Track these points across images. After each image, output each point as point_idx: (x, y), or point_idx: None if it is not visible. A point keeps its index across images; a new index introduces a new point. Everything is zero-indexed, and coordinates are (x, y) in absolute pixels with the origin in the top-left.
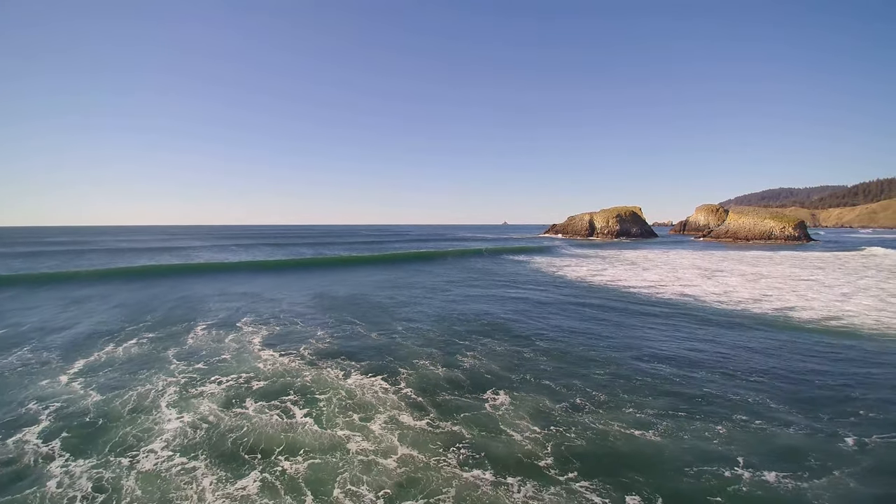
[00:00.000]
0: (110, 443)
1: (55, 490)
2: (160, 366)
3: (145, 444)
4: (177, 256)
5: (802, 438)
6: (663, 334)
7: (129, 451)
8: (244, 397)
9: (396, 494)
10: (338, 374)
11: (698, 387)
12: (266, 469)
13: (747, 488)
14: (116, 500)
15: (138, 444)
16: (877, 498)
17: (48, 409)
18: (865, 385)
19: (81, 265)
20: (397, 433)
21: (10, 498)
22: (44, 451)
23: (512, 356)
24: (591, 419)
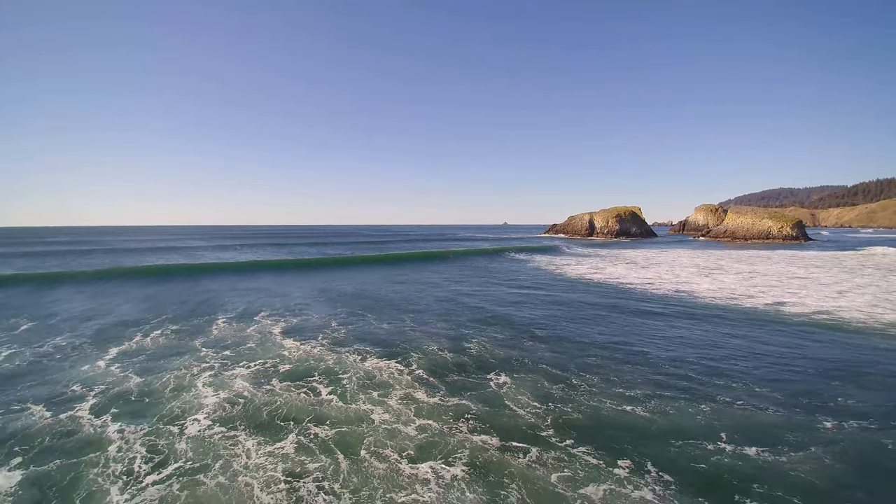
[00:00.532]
0: (157, 415)
1: (116, 453)
2: (190, 353)
3: (189, 415)
4: (184, 256)
5: (782, 420)
6: (656, 326)
7: (175, 422)
8: (272, 378)
9: (417, 455)
10: (355, 359)
11: (685, 372)
12: (300, 434)
13: (729, 459)
14: (173, 458)
15: (183, 416)
16: (850, 473)
17: (93, 390)
18: (846, 375)
19: (92, 264)
20: (413, 407)
21: (77, 459)
22: (98, 423)
23: (513, 344)
24: (585, 398)
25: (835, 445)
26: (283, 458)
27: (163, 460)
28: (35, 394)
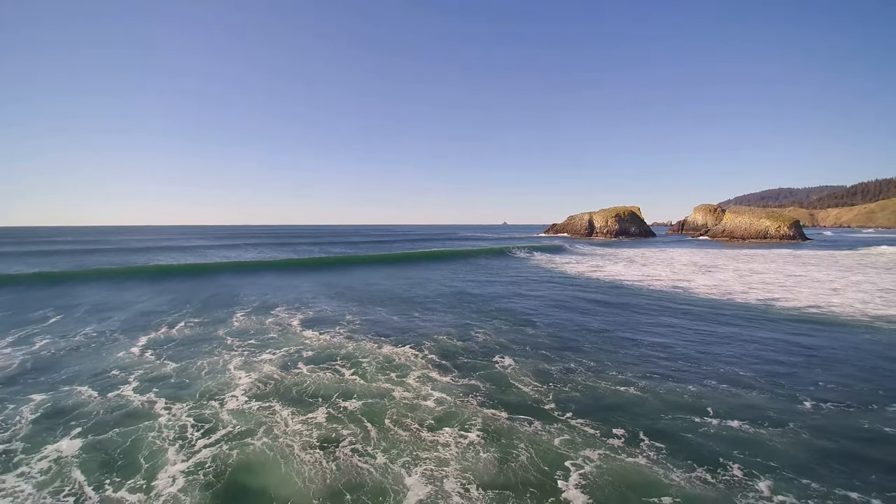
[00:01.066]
0: (197, 393)
1: (166, 422)
2: (216, 342)
3: (227, 393)
4: (192, 255)
5: (764, 400)
6: (649, 317)
7: (215, 398)
8: (297, 362)
9: (436, 424)
10: (372, 346)
11: (675, 358)
12: (329, 407)
13: (714, 430)
14: (220, 426)
15: (221, 393)
16: (825, 446)
17: (133, 374)
18: (829, 363)
19: (101, 262)
20: (429, 385)
21: (132, 427)
22: (144, 399)
23: (515, 332)
24: (582, 378)
25: (812, 423)
26: (317, 426)
27: (210, 428)
28: (78, 377)
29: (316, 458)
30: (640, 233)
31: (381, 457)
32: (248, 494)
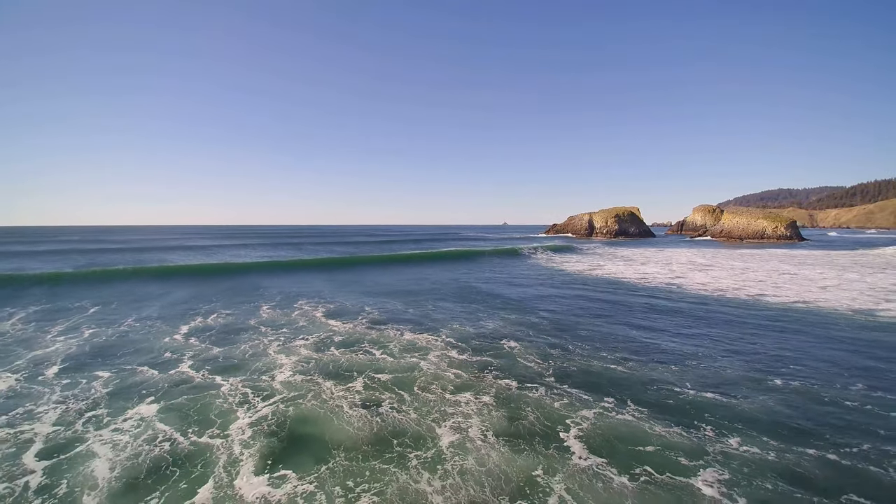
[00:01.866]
0: (248, 370)
1: (229, 391)
2: (251, 330)
3: (274, 370)
4: (201, 254)
5: (737, 376)
6: (641, 309)
7: (264, 374)
8: (330, 346)
9: (456, 391)
10: (394, 333)
11: (662, 342)
12: (365, 379)
13: (691, 398)
14: (275, 393)
15: (269, 371)
16: (788, 413)
17: (184, 355)
18: (801, 349)
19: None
20: (447, 361)
21: (200, 395)
22: (202, 375)
23: (520, 322)
24: (578, 358)
25: (777, 396)
26: (358, 392)
27: (267, 394)
28: (135, 358)
29: (361, 414)
30: (639, 233)
31: (415, 413)
32: (307, 440)
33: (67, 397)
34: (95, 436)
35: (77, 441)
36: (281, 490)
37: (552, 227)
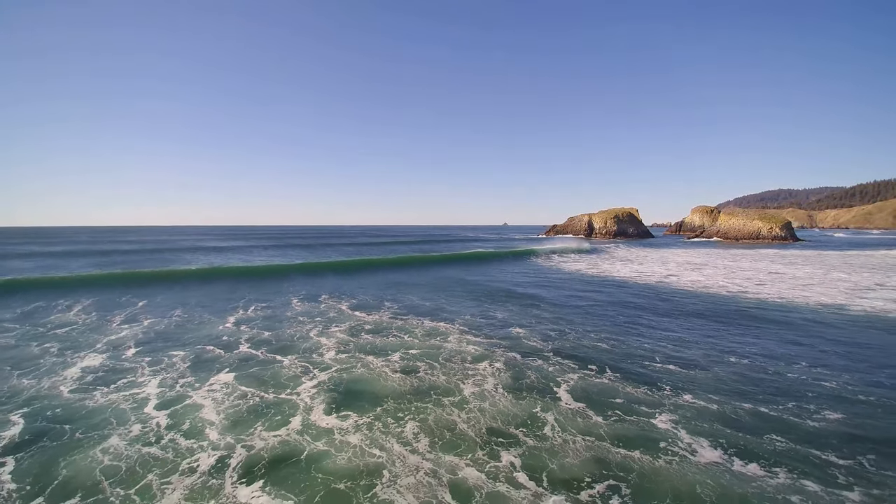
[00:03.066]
0: (299, 350)
1: (289, 364)
2: (290, 320)
3: (320, 350)
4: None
5: (699, 355)
6: (628, 301)
7: (314, 353)
8: (360, 332)
9: (474, 361)
10: (416, 322)
11: (641, 327)
12: (399, 354)
13: (657, 369)
14: (328, 366)
15: (317, 350)
16: (735, 381)
17: (240, 339)
18: (761, 335)
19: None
20: (464, 342)
21: (267, 366)
22: (261, 352)
23: (523, 312)
24: (572, 338)
25: (730, 369)
26: (395, 363)
27: (322, 366)
28: (199, 341)
29: (401, 377)
30: (637, 234)
31: (443, 375)
32: (361, 394)
33: (157, 370)
34: (195, 394)
35: (182, 398)
36: (347, 422)
37: (552, 228)
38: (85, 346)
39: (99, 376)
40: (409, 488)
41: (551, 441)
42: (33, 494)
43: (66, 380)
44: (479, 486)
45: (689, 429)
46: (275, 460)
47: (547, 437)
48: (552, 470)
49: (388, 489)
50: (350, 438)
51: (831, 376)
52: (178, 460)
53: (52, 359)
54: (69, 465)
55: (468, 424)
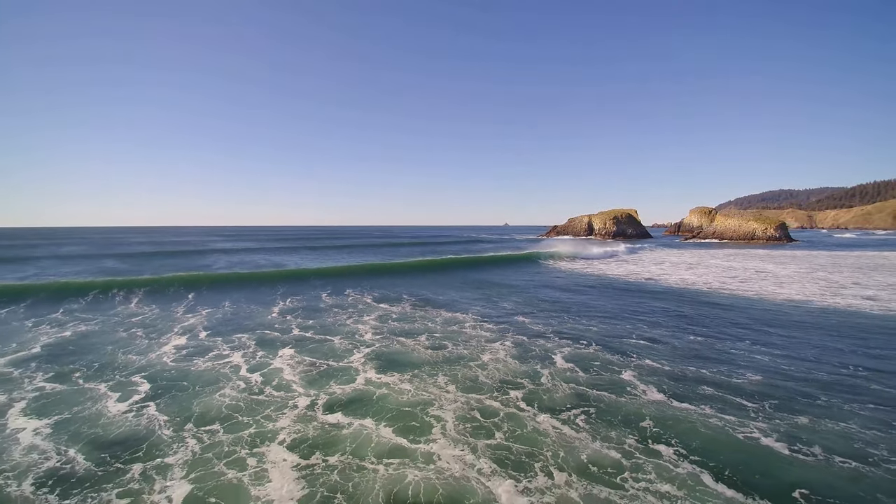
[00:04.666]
0: (341, 332)
1: (338, 342)
2: (325, 311)
3: (360, 333)
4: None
5: (667, 333)
6: (621, 295)
7: (355, 335)
8: (389, 320)
9: (488, 341)
10: (434, 312)
11: (628, 311)
12: (425, 336)
13: (630, 343)
14: (371, 343)
15: (355, 333)
16: (687, 349)
17: (289, 325)
18: (722, 321)
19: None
20: (479, 327)
21: (320, 344)
22: (310, 334)
23: (526, 303)
24: (569, 323)
25: (685, 341)
26: (424, 342)
27: (364, 344)
28: (255, 327)
29: (431, 352)
30: (636, 234)
31: (465, 350)
32: (400, 362)
33: (234, 347)
34: (273, 362)
35: (264, 365)
36: (397, 378)
37: (553, 229)
38: (165, 331)
39: (190, 351)
40: (453, 411)
41: (546, 386)
42: (183, 422)
43: (165, 354)
44: (496, 410)
45: (644, 380)
46: (350, 400)
47: (543, 384)
48: (545, 401)
49: (438, 410)
50: (403, 387)
51: (766, 352)
52: (280, 402)
53: (143, 340)
54: (200, 405)
55: (487, 378)
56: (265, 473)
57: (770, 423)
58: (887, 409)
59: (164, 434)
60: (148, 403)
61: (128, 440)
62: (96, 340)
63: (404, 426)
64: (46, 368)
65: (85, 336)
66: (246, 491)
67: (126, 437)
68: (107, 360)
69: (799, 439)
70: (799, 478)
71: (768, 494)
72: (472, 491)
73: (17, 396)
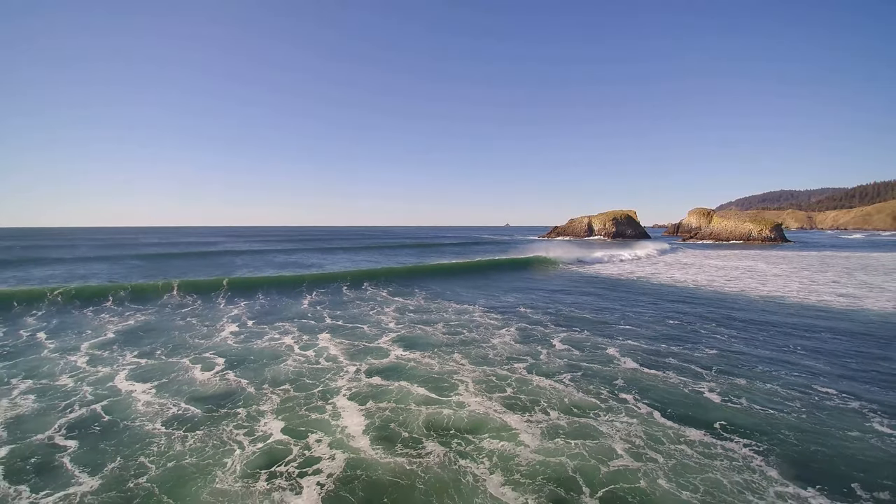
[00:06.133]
0: (367, 321)
1: (367, 328)
2: (347, 303)
3: (384, 321)
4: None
5: (650, 319)
6: (613, 290)
7: (380, 323)
8: (406, 311)
9: (495, 329)
10: (445, 304)
11: (617, 303)
12: (441, 324)
13: (616, 330)
14: (395, 330)
15: (380, 321)
16: (662, 332)
17: (322, 315)
18: (695, 315)
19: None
20: (486, 317)
21: (353, 329)
22: (341, 322)
23: (527, 298)
24: (566, 312)
25: (664, 329)
26: (440, 328)
27: (390, 330)
28: (290, 316)
29: (448, 336)
30: (635, 235)
31: (477, 335)
32: (421, 343)
33: (282, 331)
34: (317, 343)
35: (313, 345)
36: (417, 355)
37: (554, 230)
38: (216, 320)
39: (246, 335)
40: (471, 377)
41: (545, 360)
42: (261, 383)
43: (226, 337)
44: (506, 376)
45: (623, 355)
46: (387, 370)
47: (542, 359)
48: (543, 369)
49: (459, 377)
50: (428, 361)
51: (727, 334)
52: (333, 370)
53: (201, 327)
54: (271, 372)
55: (496, 356)
56: (338, 414)
57: (713, 383)
58: (808, 376)
59: (250, 391)
60: (227, 372)
61: (223, 396)
62: (160, 328)
63: (434, 386)
64: (128, 349)
65: (148, 325)
66: (328, 423)
67: (220, 394)
68: (177, 342)
69: (732, 393)
70: (723, 416)
71: (698, 424)
72: (492, 420)
73: (117, 369)
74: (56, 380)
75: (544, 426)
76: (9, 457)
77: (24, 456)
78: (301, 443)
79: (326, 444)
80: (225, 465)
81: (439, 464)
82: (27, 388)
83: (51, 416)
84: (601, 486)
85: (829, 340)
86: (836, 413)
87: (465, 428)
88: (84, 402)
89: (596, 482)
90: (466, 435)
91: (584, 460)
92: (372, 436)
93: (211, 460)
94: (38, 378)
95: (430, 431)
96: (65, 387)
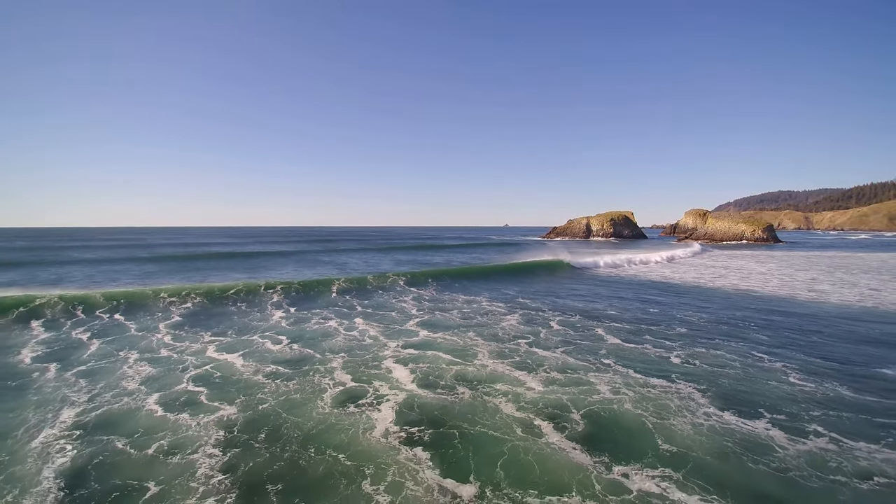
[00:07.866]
0: (391, 308)
1: (395, 315)
2: (371, 292)
3: (405, 308)
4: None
5: (635, 307)
6: (606, 286)
7: (403, 310)
8: (422, 300)
9: (501, 315)
10: (455, 296)
11: (607, 295)
12: (456, 311)
13: (607, 313)
14: (416, 316)
15: (403, 308)
16: (642, 318)
17: (352, 303)
18: (673, 305)
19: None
20: (492, 306)
21: (385, 315)
22: (370, 309)
23: (526, 290)
24: (561, 307)
25: (646, 315)
26: (455, 314)
27: (413, 315)
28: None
29: (462, 320)
30: (632, 235)
31: (487, 319)
32: (443, 326)
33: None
34: (357, 325)
35: (352, 327)
36: (440, 334)
37: (553, 230)
38: (262, 308)
39: (295, 319)
40: (486, 350)
41: (544, 337)
42: (323, 351)
43: (279, 320)
44: (513, 349)
45: (609, 333)
46: (418, 344)
47: (541, 336)
48: (543, 344)
49: (476, 349)
50: (450, 338)
51: (698, 316)
52: (377, 345)
53: (251, 314)
54: (328, 345)
55: (504, 335)
56: (389, 370)
57: (678, 352)
58: (751, 346)
59: (318, 356)
60: (293, 345)
61: (298, 360)
62: (215, 316)
63: (459, 354)
64: (201, 330)
65: (202, 312)
66: (384, 376)
67: (296, 359)
68: (238, 326)
69: (691, 357)
70: (680, 371)
71: (660, 376)
72: (506, 375)
73: (204, 345)
74: (157, 353)
75: (545, 377)
76: (161, 399)
77: (171, 398)
78: (370, 387)
79: (388, 387)
80: (322, 398)
81: (469, 397)
82: (137, 358)
83: (174, 375)
84: (585, 408)
85: (780, 324)
86: (763, 370)
87: (486, 379)
88: (195, 366)
89: (581, 406)
90: (487, 383)
91: (575, 396)
92: (419, 383)
93: (311, 395)
94: (142, 352)
95: (459, 381)
96: (169, 357)
